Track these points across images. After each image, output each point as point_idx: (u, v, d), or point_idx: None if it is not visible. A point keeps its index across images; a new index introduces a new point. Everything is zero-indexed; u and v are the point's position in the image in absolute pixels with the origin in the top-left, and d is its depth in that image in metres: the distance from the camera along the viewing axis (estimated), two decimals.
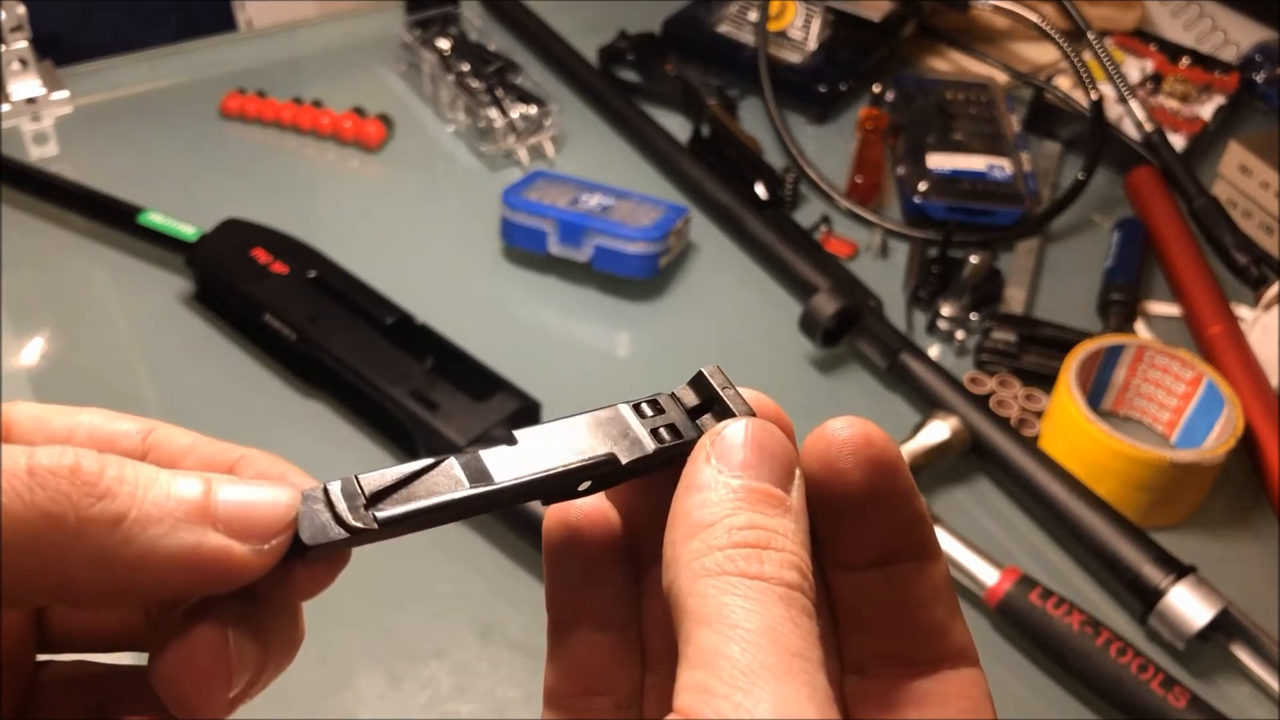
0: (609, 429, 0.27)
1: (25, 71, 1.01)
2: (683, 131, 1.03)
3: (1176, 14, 1.20)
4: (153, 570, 0.22)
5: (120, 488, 0.22)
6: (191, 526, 0.23)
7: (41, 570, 0.22)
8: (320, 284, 0.81)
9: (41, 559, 0.21)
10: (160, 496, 0.23)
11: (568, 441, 0.27)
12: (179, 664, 0.23)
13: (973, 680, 0.27)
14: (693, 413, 0.28)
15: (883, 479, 0.26)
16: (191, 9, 1.11)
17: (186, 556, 0.22)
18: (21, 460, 0.21)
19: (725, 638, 0.22)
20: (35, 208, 0.90)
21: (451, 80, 1.02)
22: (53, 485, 0.21)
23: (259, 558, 0.23)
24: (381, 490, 0.25)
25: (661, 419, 0.27)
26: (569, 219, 0.87)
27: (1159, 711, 0.63)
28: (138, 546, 0.22)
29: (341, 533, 0.24)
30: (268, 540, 0.23)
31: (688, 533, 0.24)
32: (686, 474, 0.25)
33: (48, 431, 0.26)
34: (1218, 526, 0.77)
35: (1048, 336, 0.84)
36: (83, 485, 0.22)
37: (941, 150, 1.00)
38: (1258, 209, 0.98)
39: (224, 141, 1.01)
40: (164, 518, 0.22)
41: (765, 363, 0.85)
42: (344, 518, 0.24)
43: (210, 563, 0.23)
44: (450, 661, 0.66)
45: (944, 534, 0.71)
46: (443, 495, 0.25)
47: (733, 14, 1.12)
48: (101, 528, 0.22)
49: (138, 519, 0.22)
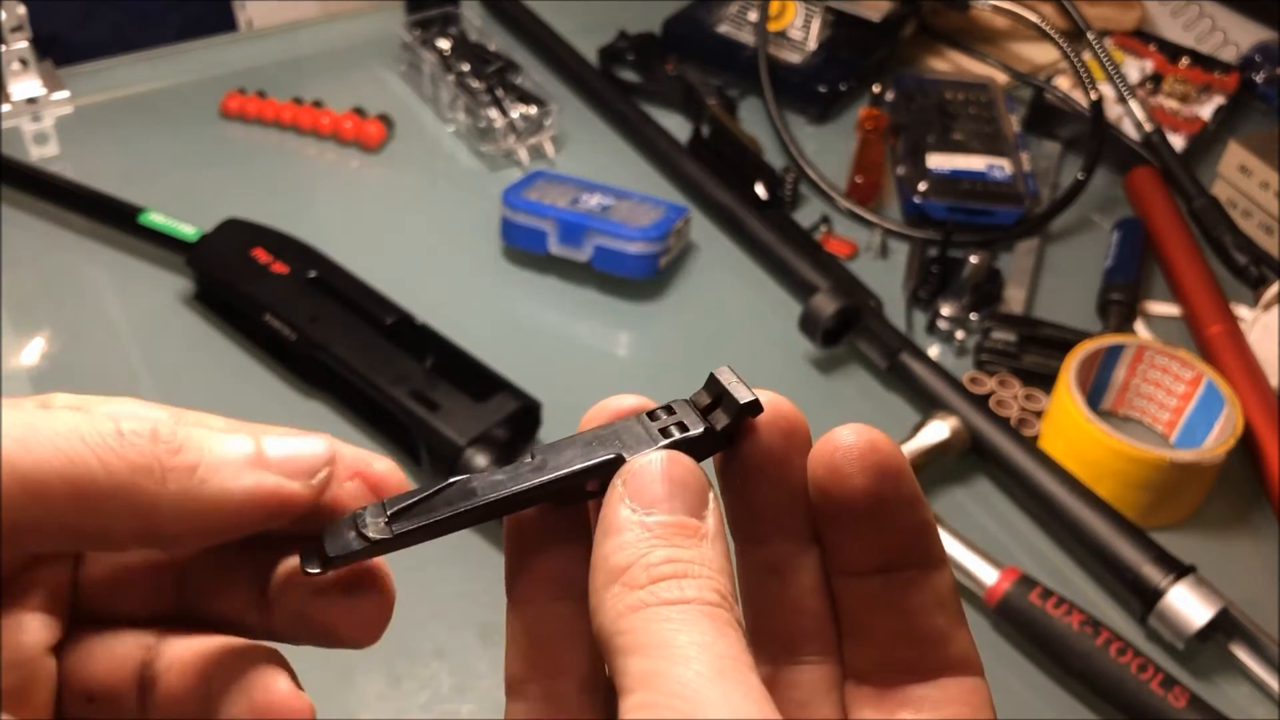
0: (622, 434, 0.28)
1: (26, 71, 1.01)
2: (683, 131, 1.03)
3: (1176, 14, 1.20)
4: (227, 505, 0.26)
5: (189, 443, 0.26)
6: (251, 470, 0.26)
7: (134, 513, 0.25)
8: (320, 284, 0.81)
9: (133, 504, 0.25)
10: (221, 448, 0.26)
11: (579, 449, 0.28)
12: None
13: (973, 689, 0.28)
14: (705, 410, 0.29)
15: (887, 485, 0.27)
16: (191, 9, 1.11)
17: (251, 492, 0.26)
18: (112, 425, 0.25)
19: (658, 658, 0.23)
20: (35, 208, 0.90)
21: (451, 80, 1.02)
22: (139, 444, 0.25)
23: (309, 491, 0.27)
24: (403, 509, 0.27)
25: (672, 419, 0.29)
26: (569, 219, 0.87)
27: (1159, 711, 0.63)
28: (213, 486, 0.26)
29: (361, 543, 0.27)
30: (314, 475, 0.27)
31: (608, 579, 0.25)
32: (603, 517, 0.26)
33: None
34: (1217, 526, 0.77)
35: (1047, 336, 0.84)
36: (163, 443, 0.25)
37: (941, 150, 1.00)
38: (1257, 209, 0.98)
39: (224, 141, 1.01)
40: (229, 463, 0.26)
41: (765, 363, 0.85)
42: (364, 532, 0.27)
43: (270, 496, 0.26)
44: (450, 661, 0.66)
45: (944, 534, 0.71)
46: (455, 506, 0.27)
47: (733, 14, 1.12)
48: (181, 474, 0.25)
49: (209, 464, 0.26)
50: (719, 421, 0.28)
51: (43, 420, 0.24)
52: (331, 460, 0.28)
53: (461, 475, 0.28)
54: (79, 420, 0.24)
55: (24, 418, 0.24)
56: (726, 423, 0.28)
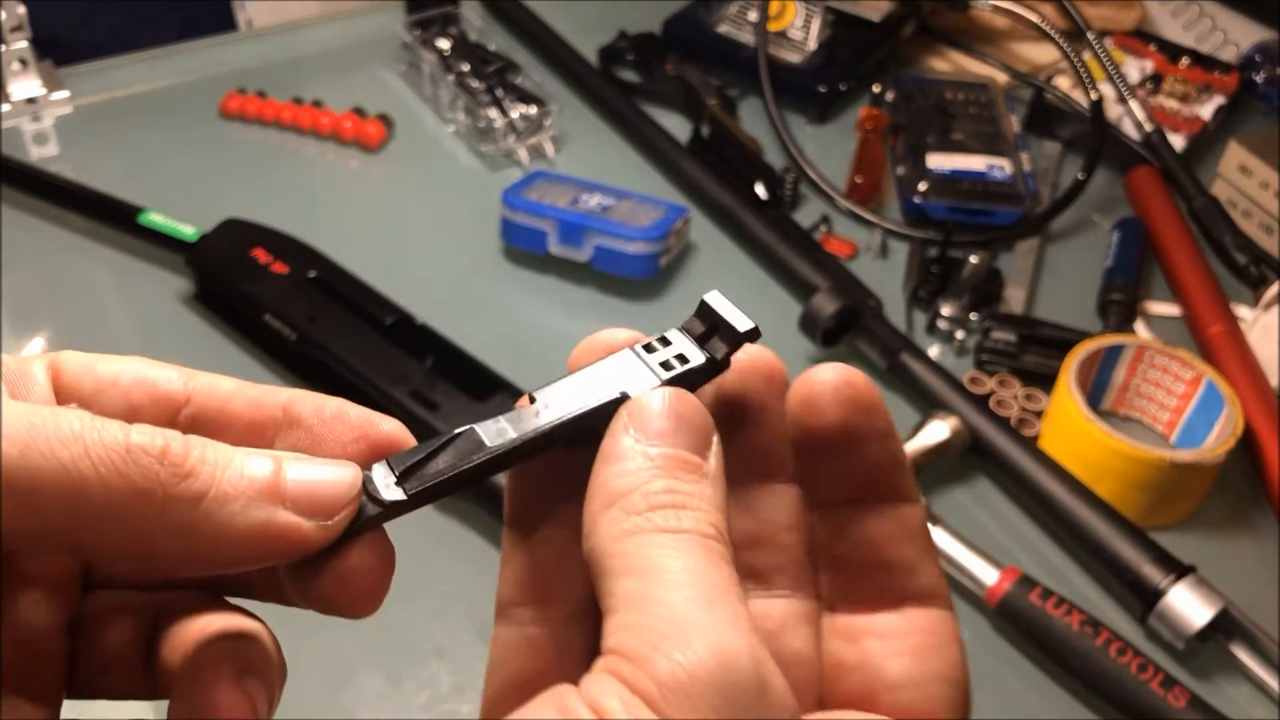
0: (622, 371, 0.28)
1: (25, 71, 1.01)
2: (683, 131, 1.03)
3: (1176, 14, 1.20)
4: (227, 542, 0.24)
5: (202, 468, 0.24)
6: (263, 504, 0.24)
7: (129, 538, 0.23)
8: (320, 284, 0.81)
9: (130, 528, 0.23)
10: (235, 476, 0.24)
11: (583, 390, 0.28)
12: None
13: (940, 620, 0.28)
14: (700, 339, 0.29)
15: (858, 416, 0.27)
16: (191, 9, 1.11)
17: (258, 531, 0.24)
18: (120, 436, 0.23)
19: (650, 582, 0.23)
20: (35, 208, 0.90)
21: (451, 80, 1.02)
22: (145, 464, 0.23)
23: (323, 533, 0.25)
24: (411, 466, 0.26)
25: (670, 350, 0.28)
26: (569, 219, 0.87)
27: (1159, 711, 0.63)
28: (215, 522, 0.24)
29: (375, 508, 0.26)
30: (332, 516, 0.25)
31: (606, 502, 0.25)
32: (605, 446, 0.26)
33: (95, 377, 0.27)
34: (1218, 526, 0.77)
35: (1047, 336, 0.84)
36: (170, 465, 0.24)
37: (941, 150, 1.00)
38: (1258, 209, 0.98)
39: (224, 141, 1.01)
40: (238, 496, 0.24)
41: None
42: (377, 494, 0.26)
43: (279, 537, 0.24)
44: (450, 661, 0.66)
45: (944, 534, 0.71)
46: (464, 461, 0.26)
47: (733, 14, 1.12)
48: (184, 505, 0.24)
49: (215, 497, 0.24)
50: (718, 350, 0.28)
51: (48, 424, 0.23)
52: (355, 499, 0.26)
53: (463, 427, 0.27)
54: (86, 427, 0.23)
55: (27, 419, 0.22)
56: (726, 351, 0.28)
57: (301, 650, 0.29)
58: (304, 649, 0.29)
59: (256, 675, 0.26)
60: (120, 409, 0.27)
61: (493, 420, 0.27)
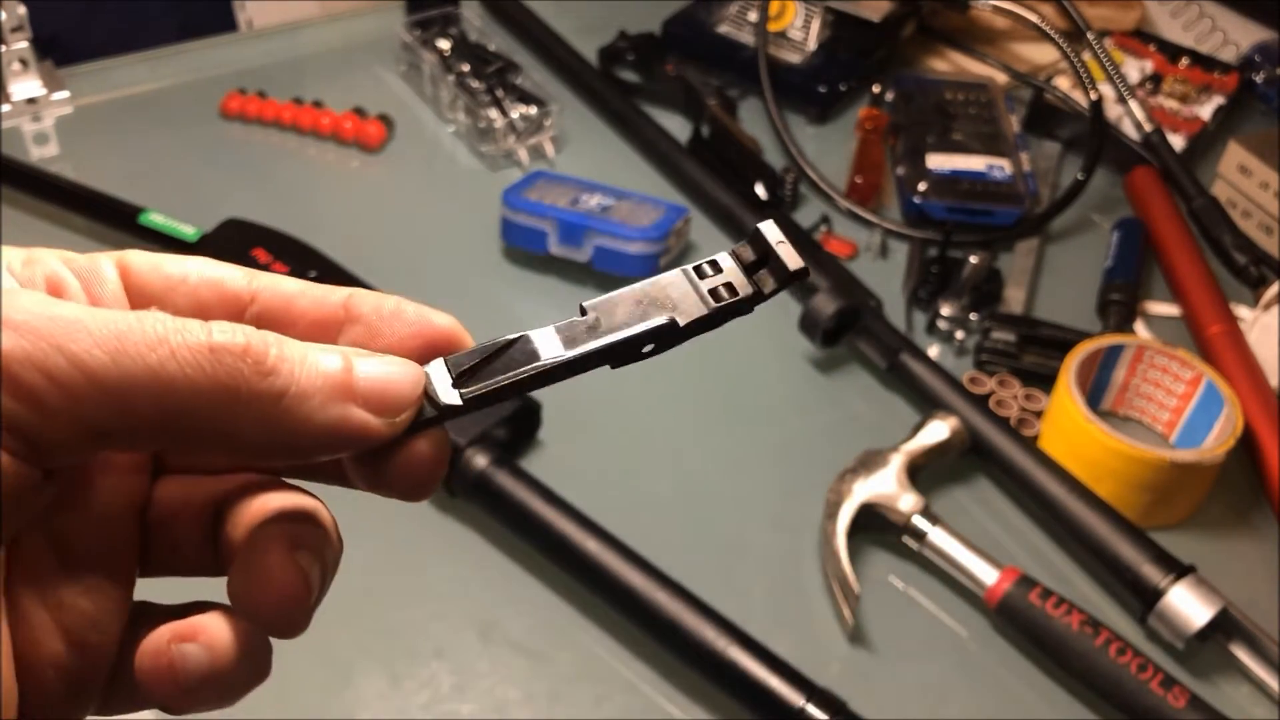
0: (671, 291, 0.29)
1: (26, 72, 1.01)
2: (683, 131, 1.03)
3: (1176, 14, 1.20)
4: (305, 436, 0.26)
5: (281, 365, 0.25)
6: (338, 401, 0.26)
7: (214, 432, 0.25)
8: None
9: (215, 423, 0.24)
10: (312, 373, 0.25)
11: (632, 307, 0.28)
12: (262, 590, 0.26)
13: None
14: (749, 269, 0.29)
15: None
16: (191, 9, 1.11)
17: (333, 427, 0.26)
18: (203, 336, 0.24)
19: None
20: (35, 208, 0.90)
21: (452, 80, 1.02)
22: (230, 362, 0.24)
23: (391, 429, 0.26)
24: (466, 370, 0.27)
25: (720, 278, 0.29)
26: (569, 219, 0.87)
27: (1158, 711, 0.63)
28: (295, 417, 0.25)
29: (433, 410, 0.27)
30: (399, 414, 0.26)
31: None
32: None
33: (163, 276, 0.28)
34: (1217, 526, 0.77)
35: (1047, 336, 0.84)
36: (253, 363, 0.25)
37: (941, 150, 1.00)
38: (1257, 209, 0.98)
39: (224, 141, 1.01)
40: (315, 393, 0.25)
41: (765, 362, 0.85)
42: (435, 397, 0.27)
43: (352, 432, 0.26)
44: (450, 661, 0.66)
45: (944, 534, 0.71)
46: (519, 371, 0.28)
47: (733, 14, 1.12)
48: (266, 400, 0.25)
49: (295, 394, 0.25)
50: (766, 285, 0.29)
51: (134, 329, 0.24)
52: (419, 399, 0.27)
53: (517, 334, 0.28)
54: (169, 329, 0.24)
55: (114, 326, 0.23)
56: (774, 287, 0.29)
57: (302, 650, 0.29)
58: (304, 649, 0.29)
59: (310, 550, 0.27)
60: (189, 307, 0.28)
61: (546, 328, 0.28)
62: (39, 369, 0.23)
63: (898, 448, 0.74)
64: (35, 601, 0.27)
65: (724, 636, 0.63)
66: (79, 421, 0.23)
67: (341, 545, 0.29)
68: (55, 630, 0.27)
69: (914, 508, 0.71)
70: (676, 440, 0.81)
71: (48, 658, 0.27)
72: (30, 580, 0.27)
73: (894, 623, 0.70)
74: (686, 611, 0.64)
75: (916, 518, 0.71)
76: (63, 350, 0.23)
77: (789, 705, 0.61)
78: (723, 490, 0.79)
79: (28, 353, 0.23)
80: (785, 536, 0.74)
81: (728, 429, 0.82)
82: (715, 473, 0.80)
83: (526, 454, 0.76)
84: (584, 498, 0.70)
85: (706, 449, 0.81)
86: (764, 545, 0.75)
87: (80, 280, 0.27)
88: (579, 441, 0.78)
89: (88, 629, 0.27)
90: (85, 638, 0.27)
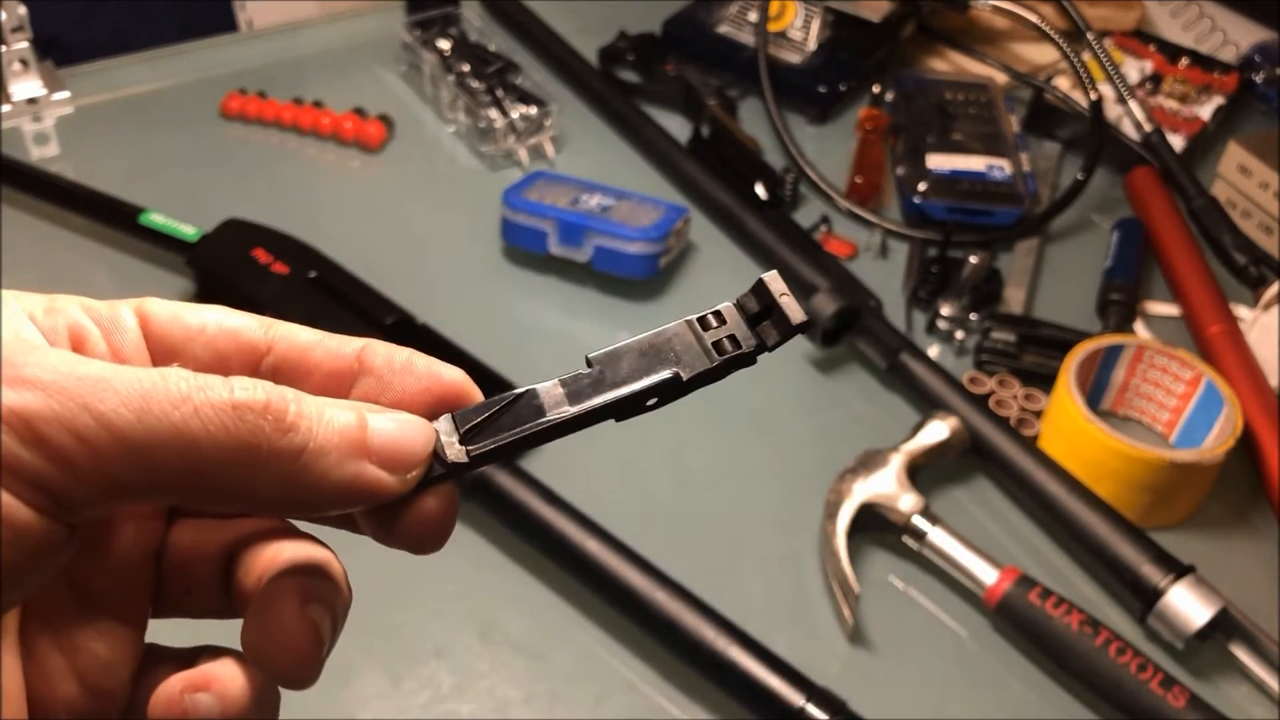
0: (675, 343, 0.29)
1: (26, 72, 1.01)
2: (683, 131, 1.03)
3: (1176, 14, 1.20)
4: (321, 492, 0.26)
5: (300, 422, 0.26)
6: (353, 459, 0.26)
7: (234, 487, 0.25)
8: (320, 284, 0.81)
9: (235, 479, 0.25)
10: (329, 430, 0.26)
11: (636, 359, 0.29)
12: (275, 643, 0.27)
13: None
14: (752, 320, 0.29)
15: None
16: (191, 9, 1.11)
17: (348, 483, 0.26)
18: (225, 394, 0.25)
19: None
20: (35, 208, 0.90)
21: (452, 81, 1.02)
22: (251, 419, 0.25)
23: (402, 485, 0.27)
24: (473, 426, 0.28)
25: (723, 330, 0.29)
26: (569, 219, 0.87)
27: (1158, 711, 0.63)
28: (313, 473, 0.26)
29: (440, 468, 0.28)
30: (410, 471, 0.27)
31: None
32: None
33: (183, 326, 0.29)
34: (1217, 526, 0.77)
35: (1047, 336, 0.84)
36: (274, 420, 0.25)
37: (941, 150, 1.00)
38: (1257, 209, 0.98)
39: (224, 141, 1.01)
40: (332, 450, 0.26)
41: (765, 363, 0.85)
42: (442, 454, 0.28)
43: (365, 488, 0.27)
44: (450, 661, 0.66)
45: (944, 534, 0.71)
46: (525, 427, 0.28)
47: (733, 14, 1.12)
48: (285, 458, 0.25)
49: (313, 451, 0.26)
50: (769, 337, 0.29)
51: (158, 388, 0.24)
52: (429, 457, 0.28)
53: (524, 388, 0.28)
54: (193, 388, 0.24)
55: (139, 384, 0.24)
56: (777, 339, 0.29)
57: None
58: None
59: (321, 603, 0.28)
60: (208, 358, 0.28)
61: (552, 383, 0.28)
62: (67, 428, 0.23)
63: (898, 448, 0.74)
64: (50, 645, 0.27)
65: (724, 636, 0.63)
66: (105, 479, 0.24)
67: (350, 595, 0.30)
68: (69, 673, 0.27)
69: (914, 508, 0.71)
70: (676, 440, 0.81)
71: (61, 701, 0.27)
72: (45, 623, 0.27)
73: (894, 623, 0.70)
74: (686, 611, 0.64)
75: (916, 518, 0.71)
76: (90, 410, 0.23)
77: (789, 705, 0.61)
78: (723, 490, 0.79)
79: (56, 413, 0.23)
80: (785, 536, 0.74)
81: (727, 429, 0.82)
82: (715, 472, 0.80)
83: (526, 454, 0.76)
84: (584, 498, 0.70)
85: (706, 449, 0.81)
86: (764, 545, 0.75)
87: (101, 329, 0.28)
88: (579, 441, 0.78)
89: (101, 672, 0.28)
90: (98, 681, 0.28)
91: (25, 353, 0.24)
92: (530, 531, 0.69)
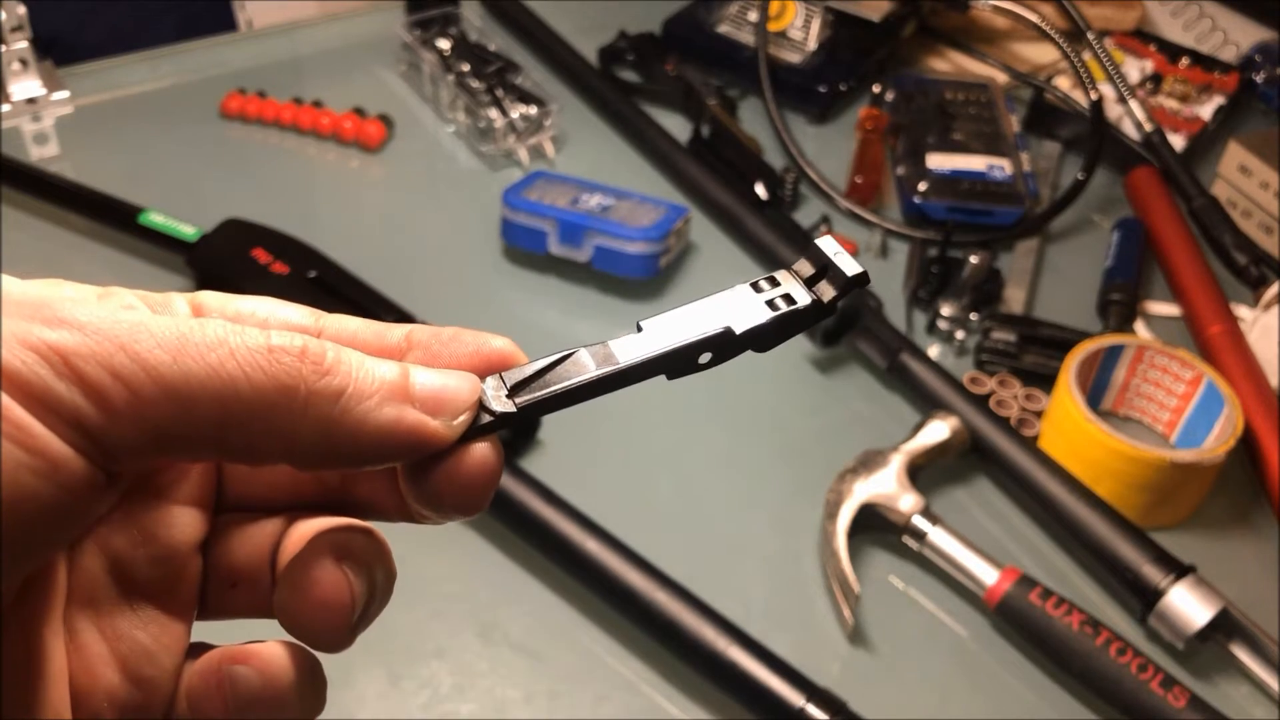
0: (729, 306, 0.29)
1: (26, 72, 1.01)
2: (683, 131, 1.03)
3: (1176, 14, 1.20)
4: (363, 437, 0.26)
5: (339, 366, 0.25)
6: (394, 403, 0.26)
7: (273, 433, 0.25)
8: (320, 284, 0.81)
9: (274, 424, 0.25)
10: (369, 375, 0.26)
11: (690, 322, 0.28)
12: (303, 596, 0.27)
13: None
14: (809, 281, 0.29)
15: None
16: (191, 9, 1.11)
17: (391, 427, 0.26)
18: (262, 340, 0.25)
19: None
20: (35, 208, 0.90)
21: (451, 80, 1.02)
22: (287, 362, 0.25)
23: (449, 431, 0.27)
24: (521, 381, 0.28)
25: (778, 291, 0.29)
26: (569, 219, 0.87)
27: (1159, 711, 0.63)
28: (353, 417, 0.25)
29: (488, 417, 0.27)
30: (456, 416, 0.27)
31: None
32: None
33: (235, 311, 0.29)
34: (1217, 526, 0.77)
35: (1047, 336, 0.84)
36: (311, 363, 0.25)
37: (941, 150, 1.00)
38: (1257, 209, 0.98)
39: (224, 141, 1.01)
40: (373, 394, 0.26)
41: (765, 362, 0.85)
42: (489, 405, 0.27)
43: (409, 432, 0.26)
44: (450, 661, 0.66)
45: (944, 534, 0.71)
46: (573, 380, 0.28)
47: (733, 14, 1.12)
48: (325, 400, 0.25)
49: (353, 394, 0.25)
50: (825, 294, 0.29)
51: (195, 331, 0.24)
52: (475, 403, 0.27)
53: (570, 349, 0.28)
54: (229, 332, 0.24)
55: (175, 329, 0.24)
56: (834, 294, 0.29)
57: None
58: None
59: (356, 560, 0.27)
60: None
61: (599, 344, 0.28)
62: (104, 365, 0.23)
63: (898, 448, 0.74)
64: (92, 630, 0.27)
65: (724, 636, 0.63)
66: (142, 421, 0.23)
67: (394, 572, 0.29)
68: (112, 661, 0.27)
69: (914, 508, 0.71)
70: (676, 440, 0.81)
71: (103, 689, 0.27)
72: (88, 607, 0.27)
73: (894, 623, 0.70)
74: (686, 611, 0.64)
75: (916, 518, 0.71)
76: (126, 350, 0.23)
77: (789, 705, 0.61)
78: (723, 490, 0.79)
79: (93, 350, 0.23)
80: (785, 536, 0.74)
81: (728, 429, 0.82)
82: (715, 472, 0.80)
83: (526, 454, 0.76)
84: (584, 498, 0.70)
85: (706, 449, 0.81)
86: (764, 545, 0.75)
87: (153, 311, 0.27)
88: (579, 441, 0.78)
89: (144, 662, 0.27)
90: (141, 671, 0.27)
91: (61, 298, 0.24)
92: (530, 531, 0.69)
